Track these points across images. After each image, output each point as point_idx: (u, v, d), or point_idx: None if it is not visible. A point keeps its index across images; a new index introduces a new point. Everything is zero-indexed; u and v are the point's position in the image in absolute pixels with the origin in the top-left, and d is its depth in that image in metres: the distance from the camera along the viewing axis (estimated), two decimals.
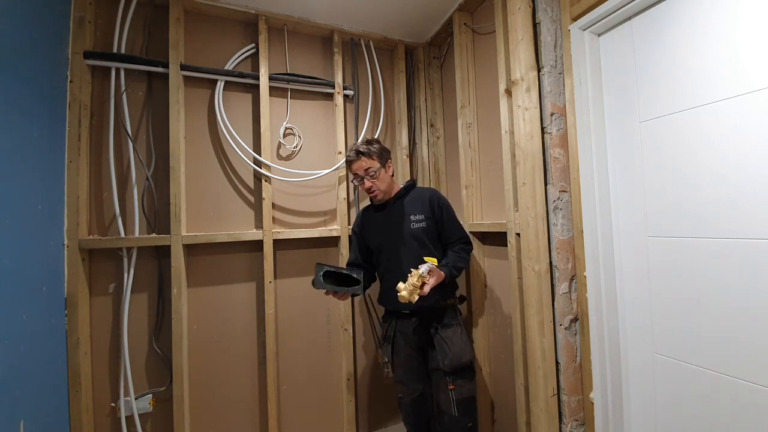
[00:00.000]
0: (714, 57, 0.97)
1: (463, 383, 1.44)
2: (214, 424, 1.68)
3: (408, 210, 1.54)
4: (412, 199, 1.56)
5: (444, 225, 1.53)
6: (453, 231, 1.54)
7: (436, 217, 1.52)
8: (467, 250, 1.55)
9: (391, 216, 1.56)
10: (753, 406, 0.91)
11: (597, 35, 1.29)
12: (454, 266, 1.45)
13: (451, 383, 1.42)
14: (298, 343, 1.87)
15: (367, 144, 1.53)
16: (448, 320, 1.49)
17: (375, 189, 1.53)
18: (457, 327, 1.50)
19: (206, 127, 1.77)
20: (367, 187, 1.52)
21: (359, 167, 1.51)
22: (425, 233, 1.50)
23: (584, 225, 1.29)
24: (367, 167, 1.50)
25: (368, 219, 1.64)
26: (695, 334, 1.04)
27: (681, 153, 1.05)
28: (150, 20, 1.66)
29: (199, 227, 1.71)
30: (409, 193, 1.59)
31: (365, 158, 1.51)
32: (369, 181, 1.51)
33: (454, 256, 1.49)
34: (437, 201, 1.53)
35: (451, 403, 1.40)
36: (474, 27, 1.83)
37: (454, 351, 1.43)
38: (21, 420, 1.07)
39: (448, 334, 1.46)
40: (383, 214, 1.59)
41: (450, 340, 1.45)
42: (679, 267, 1.07)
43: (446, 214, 1.53)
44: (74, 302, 1.41)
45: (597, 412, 1.27)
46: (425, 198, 1.55)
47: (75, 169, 1.45)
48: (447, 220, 1.53)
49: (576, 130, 1.31)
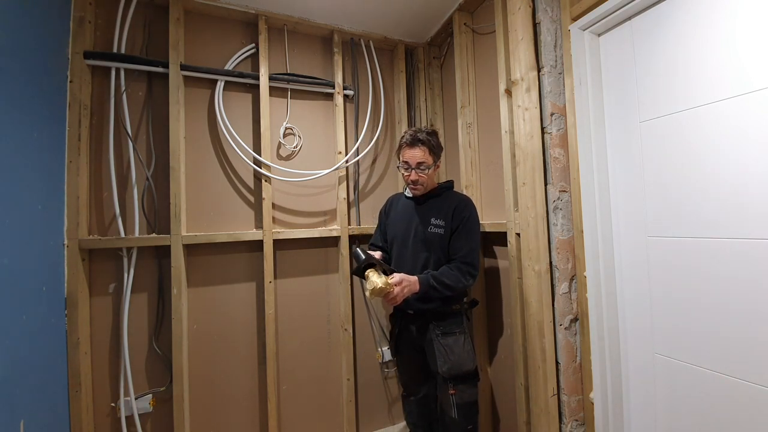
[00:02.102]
0: (714, 57, 0.97)
1: (464, 388, 1.39)
2: (214, 424, 1.68)
3: (434, 212, 1.47)
4: (441, 202, 1.49)
5: (454, 236, 1.42)
6: (459, 246, 1.41)
7: (453, 227, 1.43)
8: (462, 270, 1.37)
9: (417, 212, 1.51)
10: (753, 406, 0.91)
11: (597, 35, 1.29)
12: (436, 278, 1.34)
13: (452, 388, 1.39)
14: (298, 343, 1.87)
15: (429, 134, 1.43)
16: (450, 327, 1.42)
17: (420, 183, 1.45)
18: (460, 335, 1.42)
19: (206, 127, 1.77)
20: (413, 179, 1.44)
21: (413, 156, 1.41)
22: (440, 240, 1.43)
23: (584, 225, 1.29)
24: (421, 160, 1.41)
25: (395, 206, 1.61)
26: (695, 334, 1.04)
27: (681, 153, 1.05)
28: (150, 20, 1.66)
29: (199, 227, 1.71)
30: (443, 194, 1.52)
31: (423, 148, 1.41)
32: (417, 174, 1.43)
33: (443, 270, 1.38)
34: (461, 212, 1.43)
35: (452, 407, 1.38)
36: (474, 27, 1.83)
37: (452, 360, 1.38)
38: (21, 420, 1.07)
39: (448, 342, 1.40)
40: (410, 207, 1.54)
41: (450, 349, 1.40)
42: (679, 267, 1.07)
43: (462, 227, 1.42)
44: (74, 302, 1.41)
45: (597, 412, 1.27)
46: (452, 205, 1.45)
47: (75, 169, 1.45)
48: (459, 233, 1.42)
49: (576, 130, 1.31)
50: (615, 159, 1.26)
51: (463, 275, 1.37)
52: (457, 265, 1.38)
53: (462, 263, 1.38)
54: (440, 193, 1.52)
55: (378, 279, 1.27)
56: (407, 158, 1.43)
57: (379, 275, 1.29)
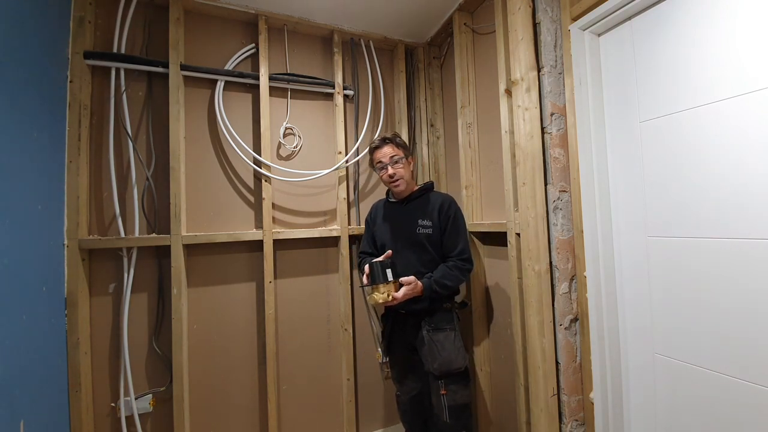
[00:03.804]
0: (714, 57, 0.97)
1: (456, 389, 1.40)
2: (214, 424, 1.68)
3: (418, 213, 1.51)
4: (424, 203, 1.53)
5: (445, 235, 1.47)
6: (452, 244, 1.47)
7: (442, 227, 1.48)
8: (461, 268, 1.45)
9: (401, 215, 1.54)
10: (753, 406, 0.91)
11: (597, 35, 1.29)
12: (437, 282, 1.40)
13: (443, 388, 1.39)
14: (299, 343, 1.87)
15: (394, 136, 1.57)
16: (441, 324, 1.45)
17: (398, 177, 1.50)
18: (451, 332, 1.45)
19: (206, 127, 1.77)
20: (390, 173, 1.51)
21: (384, 154, 1.52)
22: (429, 240, 1.47)
23: (584, 225, 1.29)
24: (392, 154, 1.51)
25: (380, 212, 1.64)
26: (695, 334, 1.04)
27: (681, 153, 1.05)
28: (150, 20, 1.66)
29: (199, 227, 1.71)
30: (425, 195, 1.56)
31: (391, 145, 1.52)
32: (393, 168, 1.50)
33: (442, 272, 1.43)
34: (446, 210, 1.49)
35: (443, 409, 1.38)
36: (474, 27, 1.83)
37: (443, 356, 1.39)
38: (21, 420, 1.07)
39: (439, 338, 1.42)
40: (394, 212, 1.57)
41: (441, 345, 1.41)
42: (679, 267, 1.07)
43: (451, 225, 1.47)
44: (74, 302, 1.41)
45: (597, 412, 1.27)
46: (436, 204, 1.50)
47: (75, 169, 1.45)
48: (450, 232, 1.47)
49: (576, 130, 1.31)
50: (615, 159, 1.26)
51: (462, 272, 1.46)
52: (455, 264, 1.45)
53: (459, 260, 1.46)
54: (421, 194, 1.57)
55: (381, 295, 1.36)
56: (380, 158, 1.53)
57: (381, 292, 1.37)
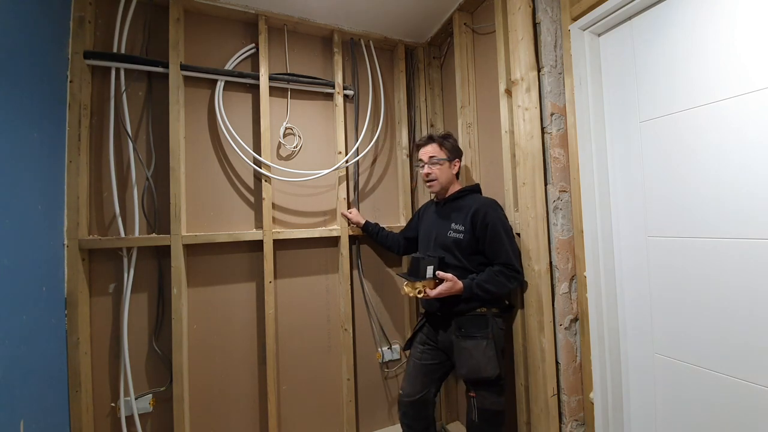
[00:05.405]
0: (714, 57, 0.97)
1: (486, 395, 1.35)
2: (214, 424, 1.68)
3: (453, 216, 1.46)
4: (462, 206, 1.47)
5: (485, 245, 1.39)
6: (494, 253, 1.38)
7: (477, 235, 1.39)
8: (507, 275, 1.35)
9: (439, 216, 1.53)
10: (753, 406, 0.91)
11: (597, 35, 1.29)
12: (480, 285, 1.34)
13: (471, 390, 1.37)
14: (298, 343, 1.87)
15: (443, 136, 1.53)
16: (473, 331, 1.38)
17: (433, 178, 1.48)
18: (482, 339, 1.36)
19: (206, 127, 1.77)
20: (426, 173, 1.49)
21: (425, 153, 1.51)
22: (458, 246, 1.41)
23: (584, 225, 1.29)
24: (432, 154, 1.49)
25: (429, 208, 1.66)
26: (695, 334, 1.04)
27: (681, 153, 1.05)
28: (150, 20, 1.66)
29: (199, 227, 1.71)
30: (465, 197, 1.50)
31: (434, 145, 1.50)
32: (429, 167, 1.48)
33: (486, 275, 1.36)
34: (482, 217, 1.38)
35: (473, 409, 1.36)
36: (474, 27, 1.83)
37: (471, 364, 1.34)
38: (21, 420, 1.07)
39: (468, 345, 1.36)
40: (435, 211, 1.58)
41: (469, 353, 1.35)
42: (679, 267, 1.07)
43: (490, 234, 1.37)
44: (74, 302, 1.41)
45: (597, 412, 1.27)
46: (471, 209, 1.42)
47: (75, 169, 1.45)
48: (490, 240, 1.37)
49: (576, 130, 1.31)
50: (615, 159, 1.26)
51: (508, 279, 1.36)
52: (501, 270, 1.36)
53: (505, 267, 1.36)
54: (461, 195, 1.51)
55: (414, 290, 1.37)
56: (421, 155, 1.53)
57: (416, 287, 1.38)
